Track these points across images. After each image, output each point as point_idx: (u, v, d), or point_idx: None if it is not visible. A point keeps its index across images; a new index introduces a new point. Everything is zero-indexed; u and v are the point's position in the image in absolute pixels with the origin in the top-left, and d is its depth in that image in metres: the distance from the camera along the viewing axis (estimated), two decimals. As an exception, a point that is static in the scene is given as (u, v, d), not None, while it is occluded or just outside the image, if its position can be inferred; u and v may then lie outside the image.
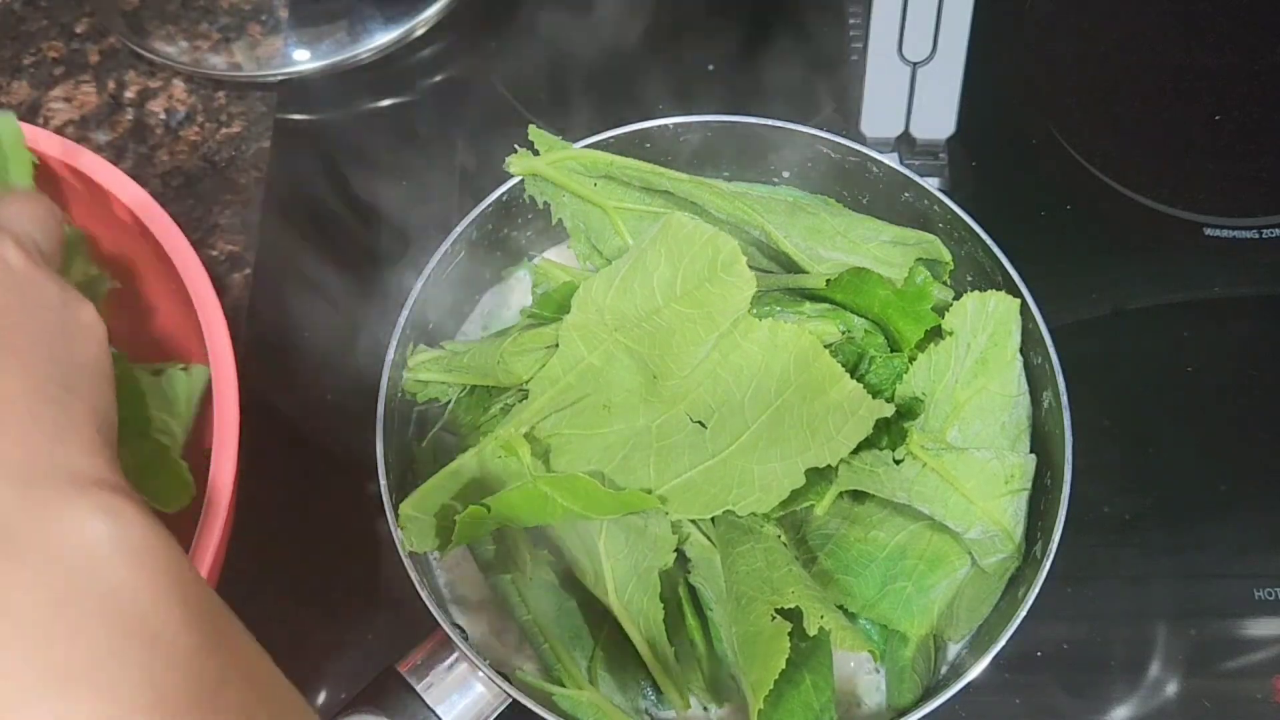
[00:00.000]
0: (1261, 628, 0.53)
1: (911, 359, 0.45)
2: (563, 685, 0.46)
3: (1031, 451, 0.49)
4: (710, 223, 0.47)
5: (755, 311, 0.43)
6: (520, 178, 0.52)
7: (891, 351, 0.46)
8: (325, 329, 0.58)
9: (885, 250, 0.50)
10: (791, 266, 0.50)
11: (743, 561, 0.44)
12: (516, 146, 0.51)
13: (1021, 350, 0.49)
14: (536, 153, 0.51)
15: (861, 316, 0.47)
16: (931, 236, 0.51)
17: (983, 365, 0.47)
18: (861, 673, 0.49)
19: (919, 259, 0.50)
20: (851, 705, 0.48)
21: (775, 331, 0.42)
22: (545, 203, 0.52)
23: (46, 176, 0.50)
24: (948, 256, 0.51)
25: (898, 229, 0.51)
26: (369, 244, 0.62)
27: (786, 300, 0.47)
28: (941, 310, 0.46)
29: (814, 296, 0.48)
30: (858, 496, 0.47)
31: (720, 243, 0.42)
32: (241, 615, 0.53)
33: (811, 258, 0.49)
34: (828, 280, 0.46)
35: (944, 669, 0.49)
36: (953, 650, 0.49)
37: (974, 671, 0.44)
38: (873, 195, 0.54)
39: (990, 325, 0.47)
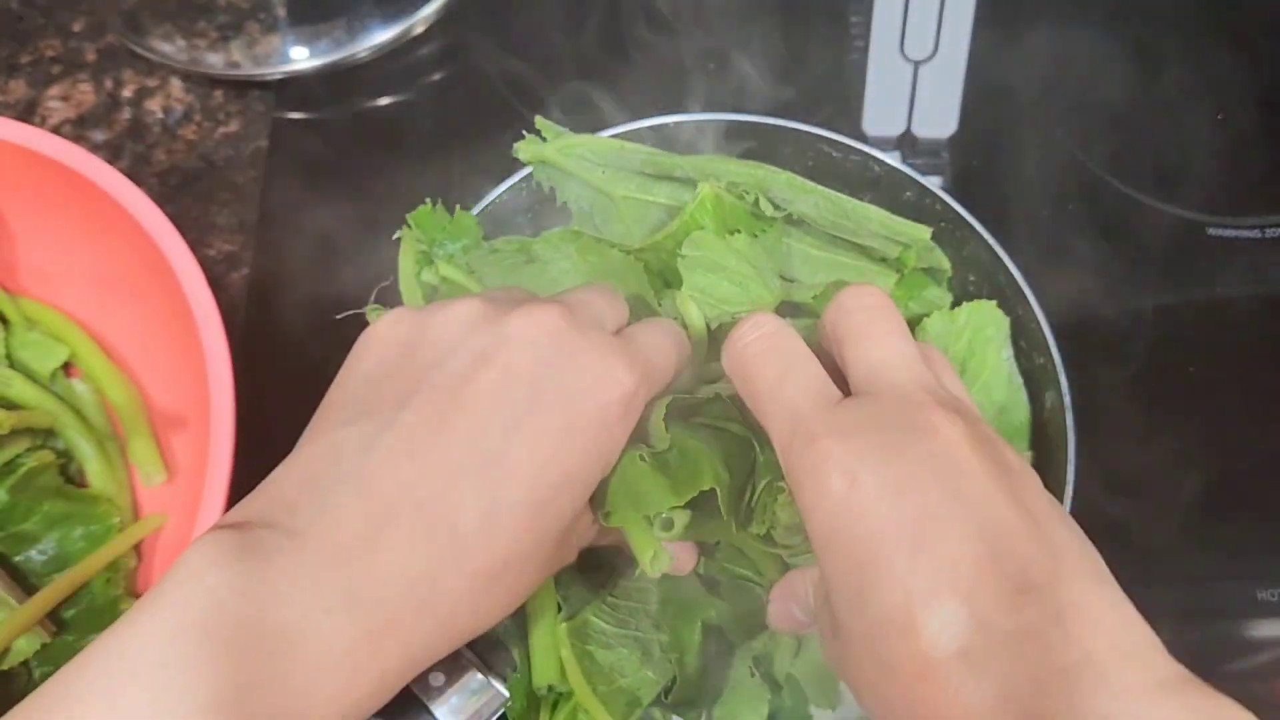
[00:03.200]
0: (1265, 629, 0.53)
1: None
2: None
3: (1032, 450, 0.48)
4: (726, 213, 0.46)
5: None
6: (517, 180, 0.52)
7: None
8: (323, 330, 0.58)
9: (879, 242, 0.49)
10: (811, 225, 0.49)
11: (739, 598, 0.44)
12: (525, 133, 0.51)
13: (1023, 350, 0.49)
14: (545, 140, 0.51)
15: None
16: (926, 232, 0.50)
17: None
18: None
19: (918, 268, 0.50)
20: (854, 703, 0.48)
21: None
22: (550, 187, 0.52)
23: (43, 177, 0.49)
24: (946, 264, 0.51)
25: (886, 221, 0.50)
26: (367, 244, 0.62)
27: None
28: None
29: (798, 310, 0.48)
30: None
31: None
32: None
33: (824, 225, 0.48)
34: (814, 295, 0.46)
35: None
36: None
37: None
38: (874, 194, 0.54)
39: (966, 335, 0.47)
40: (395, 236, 0.49)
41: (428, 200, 0.49)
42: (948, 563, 0.28)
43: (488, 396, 0.32)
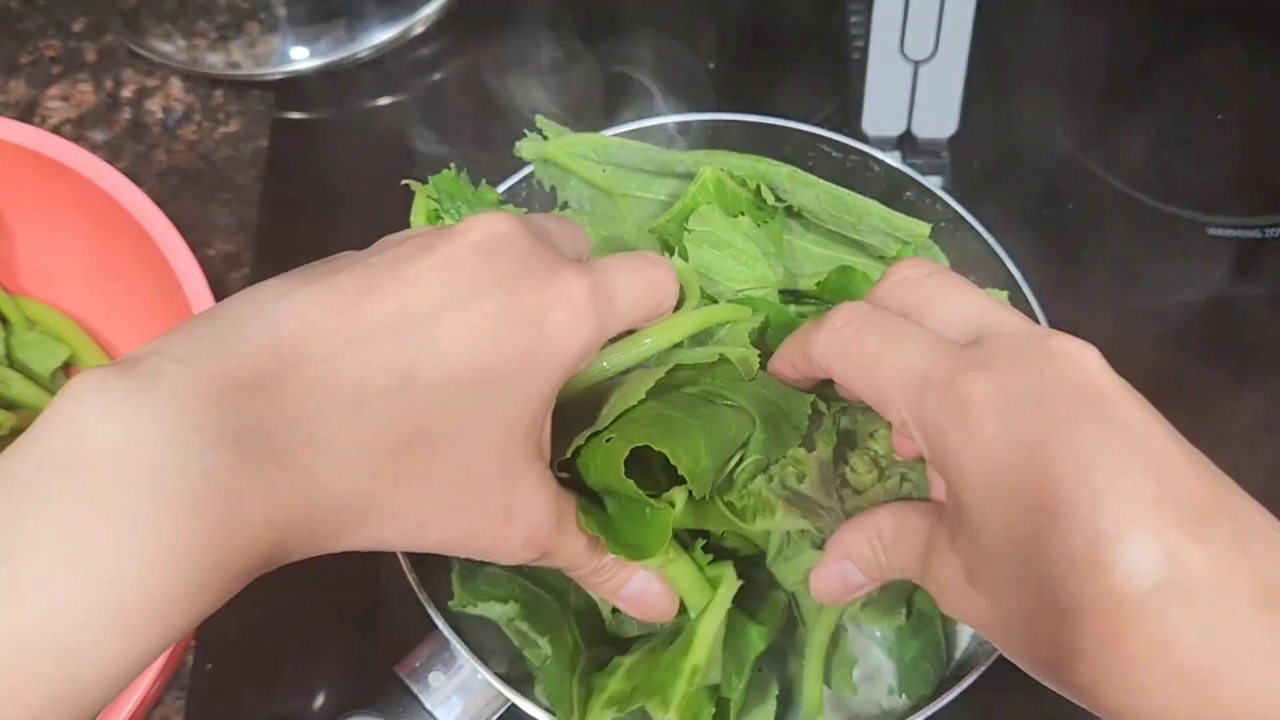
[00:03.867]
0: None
1: None
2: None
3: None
4: (729, 199, 0.46)
5: None
6: (518, 179, 0.52)
7: None
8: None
9: (879, 237, 0.49)
10: (811, 217, 0.49)
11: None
12: (526, 132, 0.51)
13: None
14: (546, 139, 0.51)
15: None
16: (925, 228, 0.50)
17: None
18: (870, 664, 0.49)
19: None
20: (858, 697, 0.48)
21: None
22: (551, 185, 0.52)
23: (43, 177, 0.49)
24: (945, 262, 0.51)
25: (885, 215, 0.50)
26: (368, 244, 0.62)
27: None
28: None
29: (800, 296, 0.48)
30: None
31: None
32: (240, 618, 0.52)
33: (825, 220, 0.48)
34: (817, 283, 0.46)
35: (951, 666, 0.48)
36: (961, 647, 0.49)
37: (982, 668, 0.44)
38: (874, 194, 0.54)
39: None
40: (403, 183, 0.49)
41: (452, 165, 0.49)
42: (1128, 498, 0.28)
43: (425, 275, 0.30)
